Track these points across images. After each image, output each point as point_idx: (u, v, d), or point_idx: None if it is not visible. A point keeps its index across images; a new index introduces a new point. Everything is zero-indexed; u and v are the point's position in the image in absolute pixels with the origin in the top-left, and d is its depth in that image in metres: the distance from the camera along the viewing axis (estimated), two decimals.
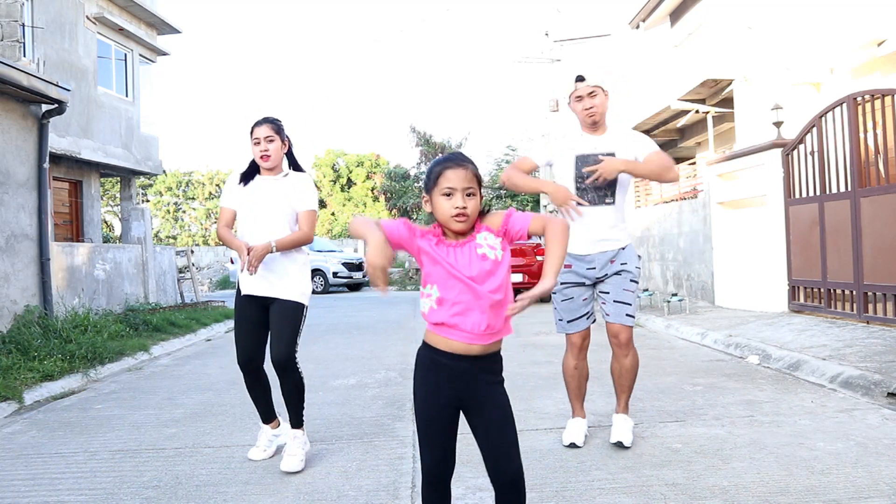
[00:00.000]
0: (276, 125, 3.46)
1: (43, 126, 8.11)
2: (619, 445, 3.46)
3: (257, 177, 3.52)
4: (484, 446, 1.97)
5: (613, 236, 3.47)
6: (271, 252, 3.35)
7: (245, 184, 3.51)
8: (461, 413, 2.02)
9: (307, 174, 3.60)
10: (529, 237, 2.00)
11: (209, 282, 24.46)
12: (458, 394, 1.97)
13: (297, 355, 3.43)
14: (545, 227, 1.98)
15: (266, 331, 3.46)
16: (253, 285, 3.42)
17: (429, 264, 1.96)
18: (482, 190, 1.97)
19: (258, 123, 3.45)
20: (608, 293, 3.48)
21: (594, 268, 3.48)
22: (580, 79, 3.42)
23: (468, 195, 1.90)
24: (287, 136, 3.53)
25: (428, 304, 1.96)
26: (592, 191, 3.44)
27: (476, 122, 62.98)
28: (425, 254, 1.95)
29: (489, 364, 1.98)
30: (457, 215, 1.89)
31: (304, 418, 3.50)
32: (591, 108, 3.41)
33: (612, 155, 3.42)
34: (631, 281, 3.47)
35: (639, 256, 3.60)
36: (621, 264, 3.47)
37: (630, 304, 3.47)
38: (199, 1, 70.22)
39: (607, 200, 3.45)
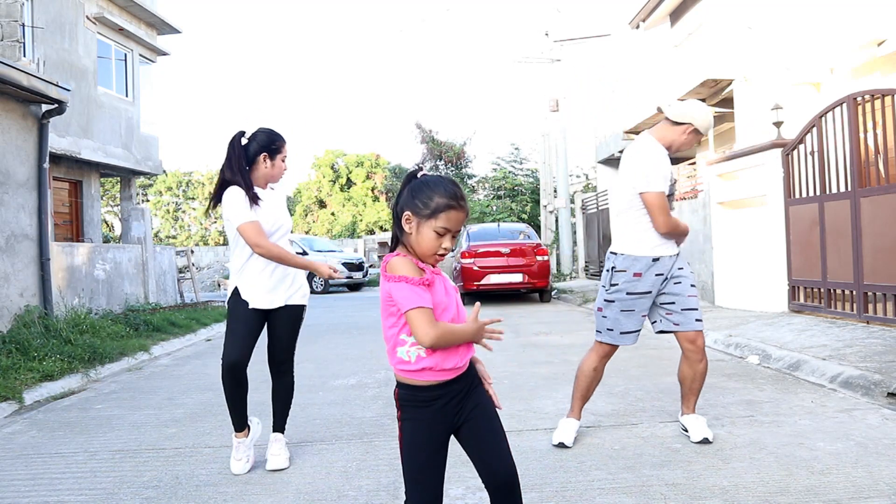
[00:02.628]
0: None
1: (43, 126, 8.11)
2: (706, 441, 3.47)
3: (258, 190, 3.44)
4: (473, 447, 1.90)
5: (671, 243, 3.54)
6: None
7: (254, 202, 3.34)
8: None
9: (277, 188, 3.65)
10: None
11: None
12: (452, 419, 1.90)
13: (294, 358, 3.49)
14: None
15: (257, 337, 3.41)
16: (265, 300, 3.34)
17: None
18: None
19: (284, 141, 3.42)
20: (674, 303, 3.48)
21: (662, 273, 3.48)
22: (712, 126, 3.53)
23: (453, 236, 1.90)
24: None
25: (415, 353, 1.83)
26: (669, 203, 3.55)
27: (478, 121, 63.00)
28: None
29: (472, 370, 1.96)
30: (441, 254, 1.88)
31: (286, 424, 3.52)
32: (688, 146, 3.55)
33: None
34: (691, 286, 3.51)
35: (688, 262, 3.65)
36: (679, 269, 3.50)
37: (697, 309, 3.51)
38: (199, 1, 70.19)
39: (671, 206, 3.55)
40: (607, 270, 3.59)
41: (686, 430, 3.61)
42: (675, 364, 5.94)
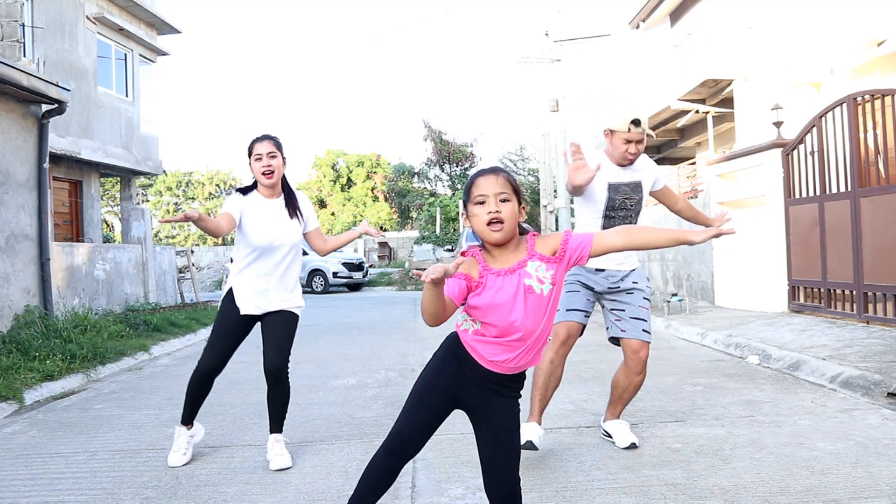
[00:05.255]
0: (277, 142, 3.43)
1: (43, 126, 8.11)
2: (633, 447, 3.45)
3: (258, 196, 3.44)
4: (485, 456, 1.95)
5: (628, 260, 3.54)
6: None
7: (244, 195, 3.47)
8: (467, 416, 2.01)
9: (301, 193, 3.61)
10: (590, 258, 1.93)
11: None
12: (469, 393, 1.95)
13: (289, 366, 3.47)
14: (627, 236, 1.92)
15: (238, 345, 3.47)
16: (256, 305, 3.39)
17: (473, 308, 1.91)
18: (522, 199, 1.93)
19: (259, 139, 3.41)
20: (623, 310, 3.48)
21: (605, 279, 3.49)
22: (637, 123, 3.39)
23: (502, 201, 1.86)
24: (284, 156, 3.49)
25: (466, 326, 1.96)
26: (619, 219, 3.48)
27: (480, 121, 62.98)
28: (473, 300, 1.89)
29: (512, 381, 1.97)
30: (490, 222, 1.84)
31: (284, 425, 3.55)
32: (635, 153, 3.43)
33: (639, 184, 3.52)
34: (644, 298, 3.51)
35: (647, 278, 3.65)
36: (633, 283, 3.50)
37: (647, 321, 3.49)
38: (199, 1, 70.22)
39: None
40: None
41: (609, 436, 3.58)
42: (675, 364, 5.96)
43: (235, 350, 3.48)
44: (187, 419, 3.53)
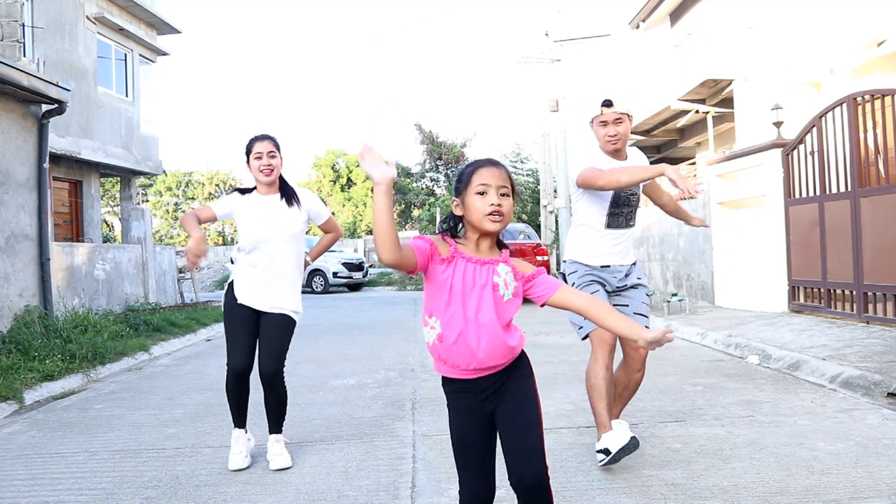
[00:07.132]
0: (276, 141, 3.49)
1: (43, 126, 8.11)
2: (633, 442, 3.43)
3: (257, 195, 3.49)
4: (505, 440, 1.87)
5: (630, 254, 3.54)
6: (306, 263, 3.61)
7: (242, 195, 3.51)
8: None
9: (305, 189, 3.66)
10: (543, 306, 1.91)
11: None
12: (490, 403, 1.90)
13: (284, 369, 3.47)
14: (587, 305, 1.89)
15: (256, 338, 3.45)
16: (252, 298, 3.40)
17: (435, 290, 1.86)
18: (516, 198, 1.90)
19: (259, 139, 3.46)
20: (627, 305, 3.47)
21: (612, 276, 3.48)
22: (607, 104, 3.35)
23: (502, 195, 1.85)
24: (282, 155, 3.54)
25: (432, 336, 1.88)
26: (623, 216, 3.47)
27: (479, 122, 62.98)
28: (436, 277, 1.85)
29: (511, 368, 1.92)
30: (492, 213, 1.82)
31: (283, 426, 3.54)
32: (615, 135, 3.37)
33: None
34: (647, 295, 3.52)
35: (645, 275, 3.64)
36: (637, 278, 3.50)
37: (648, 317, 3.49)
38: (199, 1, 70.19)
39: (631, 223, 3.51)
40: (563, 278, 3.57)
41: None
42: (675, 364, 5.95)
43: (256, 340, 3.43)
44: (239, 423, 3.50)
